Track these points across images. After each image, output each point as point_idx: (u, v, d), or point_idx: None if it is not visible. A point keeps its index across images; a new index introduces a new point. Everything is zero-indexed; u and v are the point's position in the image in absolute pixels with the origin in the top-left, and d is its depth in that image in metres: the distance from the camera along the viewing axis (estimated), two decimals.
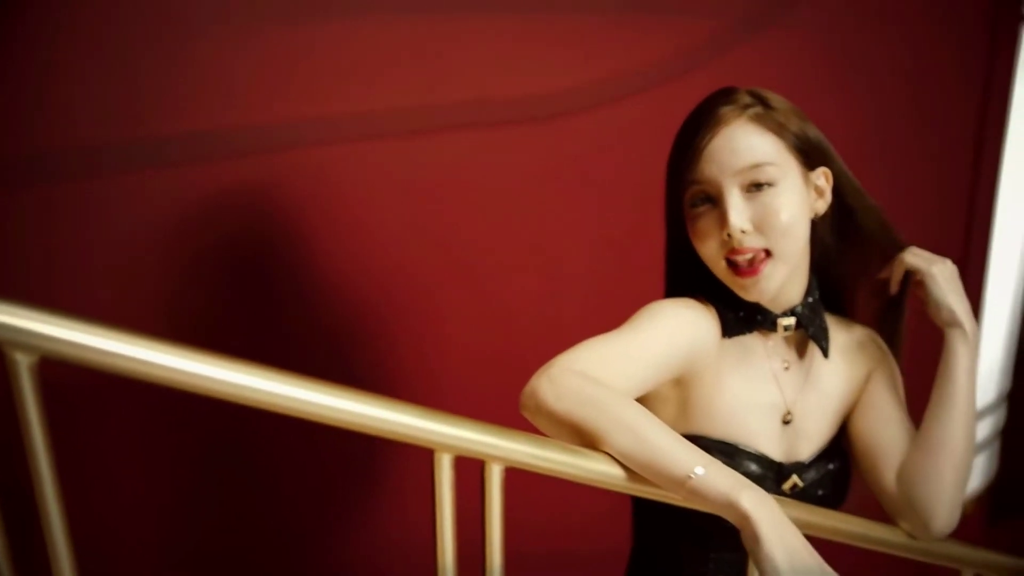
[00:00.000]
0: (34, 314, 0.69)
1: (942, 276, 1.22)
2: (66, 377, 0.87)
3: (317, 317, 1.77)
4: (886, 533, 1.21)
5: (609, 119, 2.03)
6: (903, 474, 1.21)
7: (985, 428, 3.49)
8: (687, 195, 1.15)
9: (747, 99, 1.13)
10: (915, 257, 1.25)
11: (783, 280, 1.14)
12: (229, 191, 1.64)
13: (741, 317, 1.20)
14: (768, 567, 0.86)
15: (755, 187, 1.10)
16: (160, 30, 1.51)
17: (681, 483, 0.91)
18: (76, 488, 0.83)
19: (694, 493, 0.91)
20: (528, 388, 1.01)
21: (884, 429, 1.25)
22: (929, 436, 1.20)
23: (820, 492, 1.24)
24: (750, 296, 1.15)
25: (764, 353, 1.22)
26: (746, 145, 1.10)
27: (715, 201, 1.12)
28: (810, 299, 1.22)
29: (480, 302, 1.94)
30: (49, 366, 0.72)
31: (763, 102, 1.13)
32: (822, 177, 1.18)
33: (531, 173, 1.99)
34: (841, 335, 1.30)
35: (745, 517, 0.87)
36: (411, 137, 1.83)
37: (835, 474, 1.25)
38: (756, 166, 1.10)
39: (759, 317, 1.20)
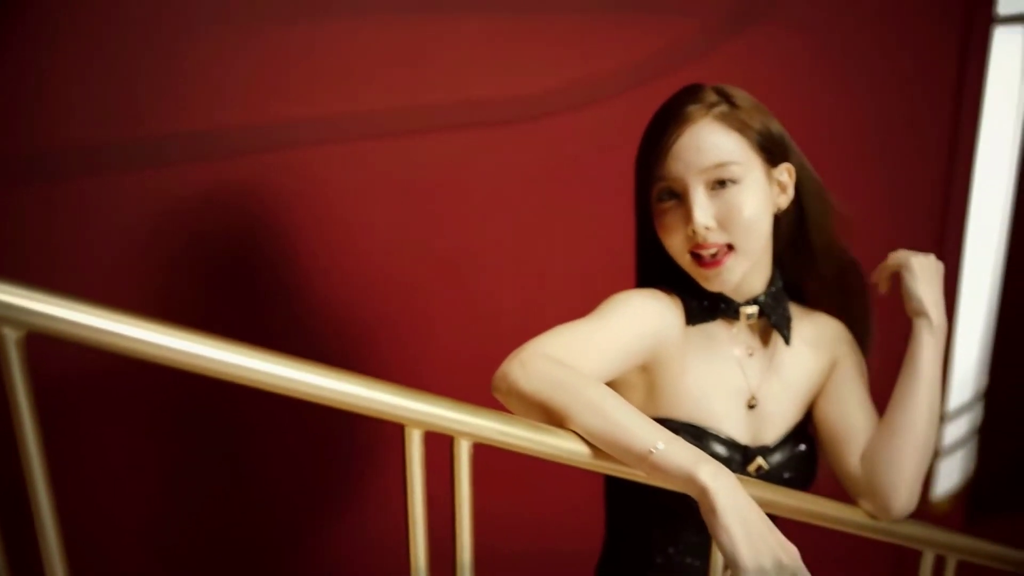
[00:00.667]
0: (21, 291, 0.73)
1: (919, 267, 1.28)
2: (57, 372, 0.91)
3: (306, 315, 1.80)
4: (847, 513, 1.26)
5: (598, 118, 2.07)
6: (867, 457, 1.26)
7: (962, 426, 3.53)
8: (654, 190, 1.20)
9: (713, 97, 1.18)
10: (899, 252, 1.32)
11: (744, 272, 1.20)
12: (220, 190, 1.68)
13: (705, 306, 1.25)
14: (724, 537, 0.90)
15: (719, 184, 1.15)
16: (157, 32, 1.55)
17: (643, 458, 0.95)
18: (63, 476, 0.87)
19: (655, 468, 0.95)
20: (500, 371, 1.06)
21: (848, 415, 1.30)
22: (892, 421, 1.25)
23: (786, 475, 1.28)
24: (712, 287, 1.19)
25: (728, 340, 1.28)
26: (711, 144, 1.15)
27: (681, 197, 1.17)
28: (773, 289, 1.27)
29: (467, 302, 1.98)
30: (42, 362, 0.76)
31: (728, 100, 1.18)
32: (785, 173, 1.23)
33: (520, 173, 2.03)
34: (807, 324, 1.35)
35: (703, 490, 0.92)
36: (400, 138, 1.88)
37: (801, 457, 1.30)
38: (720, 165, 1.15)
39: (723, 305, 1.25)
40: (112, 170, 1.53)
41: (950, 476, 3.55)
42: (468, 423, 0.93)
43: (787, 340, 1.29)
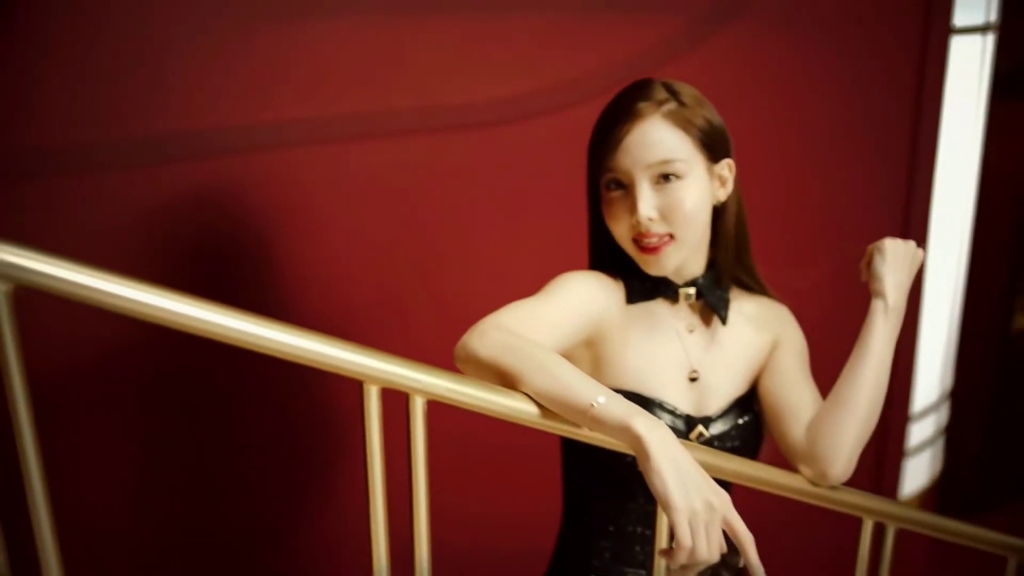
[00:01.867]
0: (10, 248, 0.81)
1: (891, 250, 1.36)
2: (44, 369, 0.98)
3: (285, 309, 1.88)
4: (787, 479, 1.34)
5: (576, 121, 2.13)
6: (812, 426, 1.34)
7: (928, 427, 3.62)
8: (603, 180, 1.30)
9: (662, 95, 1.28)
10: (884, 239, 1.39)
11: (682, 259, 1.31)
12: (203, 189, 1.75)
13: (646, 286, 1.35)
14: (657, 481, 0.98)
15: (664, 179, 1.26)
16: (145, 36, 1.63)
17: (585, 412, 1.04)
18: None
19: (596, 421, 1.04)
20: (460, 342, 1.17)
21: (790, 390, 1.39)
22: (839, 394, 1.33)
23: (731, 444, 1.37)
24: (652, 271, 1.31)
25: (669, 318, 1.38)
26: (658, 141, 1.25)
27: (627, 188, 1.27)
28: (710, 272, 1.38)
29: (444, 301, 2.05)
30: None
31: (676, 98, 1.28)
32: (726, 168, 1.34)
33: (498, 175, 2.11)
34: (750, 305, 1.45)
35: (637, 438, 1.00)
36: (379, 139, 1.96)
37: (745, 427, 1.38)
38: (666, 161, 1.25)
39: (663, 287, 1.35)
40: (101, 169, 1.61)
41: (918, 475, 3.64)
42: (423, 381, 1.01)
43: (723, 320, 1.39)
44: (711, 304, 1.37)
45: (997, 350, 4.59)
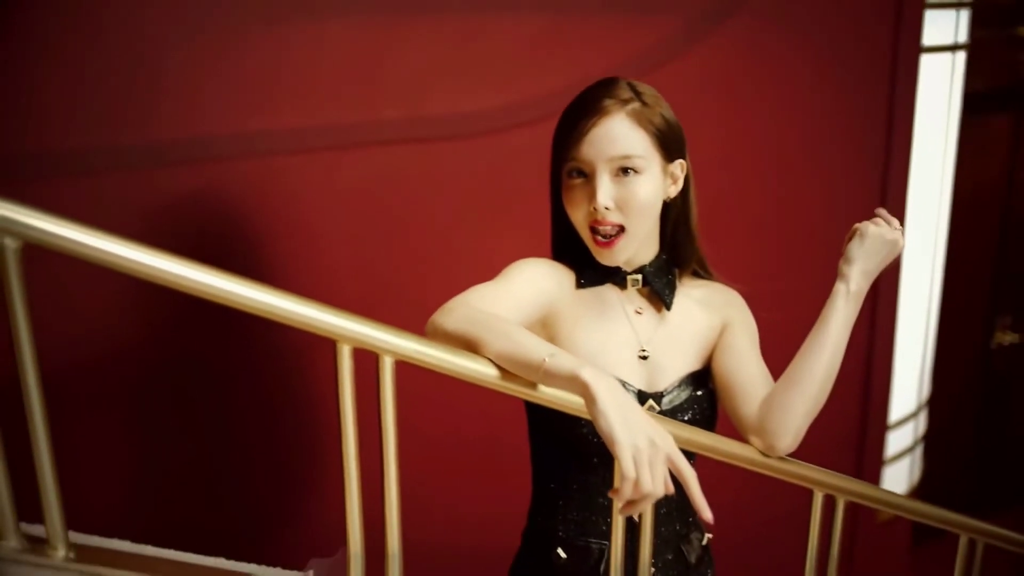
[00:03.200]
0: (20, 208, 0.91)
1: (870, 236, 1.40)
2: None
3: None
4: (740, 449, 1.43)
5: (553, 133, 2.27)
6: (765, 401, 1.43)
7: (906, 436, 3.71)
8: (566, 168, 1.41)
9: (627, 93, 1.39)
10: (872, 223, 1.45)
11: (633, 251, 1.43)
12: (197, 193, 1.87)
13: (597, 273, 1.48)
14: (602, 421, 1.08)
15: (623, 172, 1.38)
16: (142, 45, 1.76)
17: (538, 367, 1.15)
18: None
19: (549, 374, 1.14)
20: (430, 320, 1.29)
21: (741, 368, 1.49)
22: (793, 372, 1.42)
23: (685, 418, 1.46)
24: (605, 261, 1.43)
25: (618, 302, 1.50)
26: (621, 137, 1.37)
27: (588, 177, 1.39)
28: (657, 261, 1.49)
29: (425, 307, 2.16)
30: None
31: (639, 97, 1.40)
32: (678, 167, 1.46)
33: (482, 183, 2.23)
34: (700, 290, 1.56)
35: (585, 384, 1.11)
36: (364, 149, 2.08)
37: (698, 401, 1.48)
38: (626, 157, 1.37)
39: (612, 273, 1.48)
40: (97, 172, 1.73)
41: (897, 482, 3.71)
42: (391, 342, 1.12)
43: (667, 305, 1.50)
44: (656, 290, 1.49)
45: (977, 363, 4.69)
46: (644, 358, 1.46)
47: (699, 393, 1.48)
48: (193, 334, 1.87)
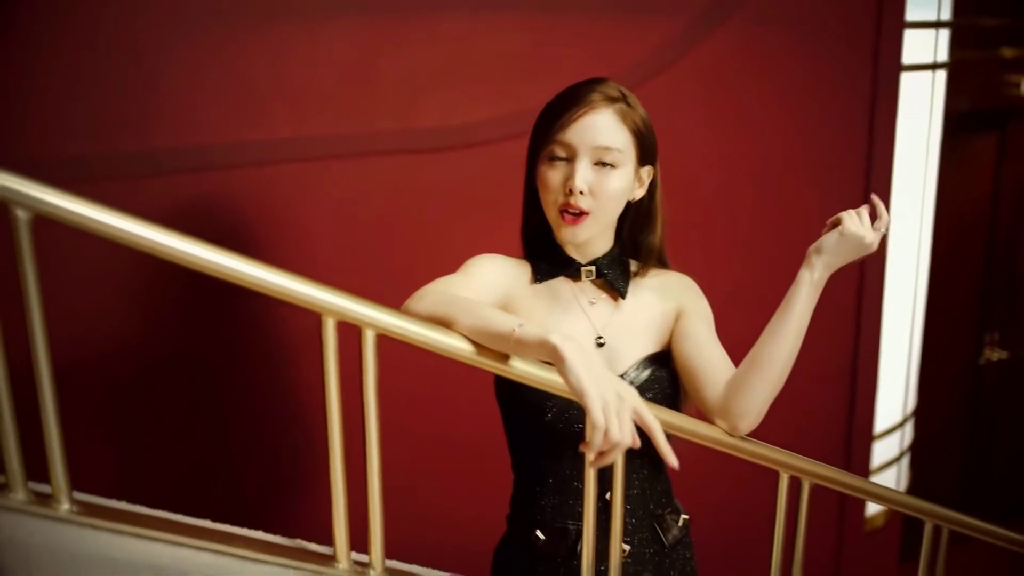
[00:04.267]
0: (32, 182, 1.01)
1: (848, 233, 1.45)
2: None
3: (266, 317, 2.10)
4: (705, 428, 1.51)
5: None
6: (730, 383, 1.51)
7: (892, 447, 3.77)
8: (547, 150, 1.50)
9: (616, 93, 1.51)
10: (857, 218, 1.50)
11: (591, 235, 1.53)
12: (192, 200, 1.96)
13: (551, 267, 1.58)
14: (572, 378, 1.17)
15: (601, 164, 1.48)
16: (135, 56, 1.85)
17: (508, 336, 1.24)
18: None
19: (520, 343, 1.23)
20: (403, 305, 1.39)
21: (700, 353, 1.57)
22: (759, 356, 1.49)
23: (648, 396, 1.54)
24: (565, 238, 1.52)
25: (572, 293, 1.59)
26: (607, 129, 1.48)
27: (568, 160, 1.49)
28: (611, 254, 1.59)
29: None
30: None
31: (625, 99, 1.51)
32: (646, 172, 1.56)
33: (471, 193, 2.32)
34: (655, 280, 1.65)
35: (554, 347, 1.19)
36: (357, 159, 2.18)
37: (658, 380, 1.56)
38: (608, 149, 1.47)
39: (567, 265, 1.57)
40: (96, 179, 1.82)
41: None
42: (373, 316, 1.20)
43: (622, 294, 1.59)
44: (609, 280, 1.58)
45: (965, 378, 4.76)
46: (601, 345, 1.55)
47: (659, 374, 1.56)
48: (193, 320, 1.97)
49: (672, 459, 1.21)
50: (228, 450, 2.08)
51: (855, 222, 1.45)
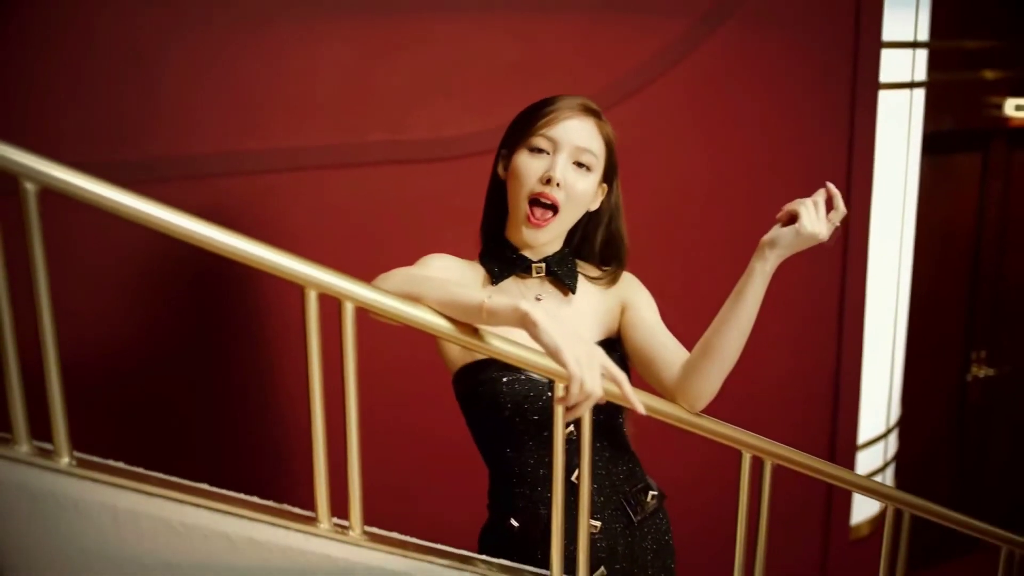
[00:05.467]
0: (40, 157, 1.11)
1: (804, 234, 1.50)
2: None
3: (260, 321, 2.20)
4: (669, 407, 1.60)
5: None
6: (686, 367, 1.61)
7: (875, 457, 3.85)
8: (529, 142, 1.62)
9: (595, 107, 1.66)
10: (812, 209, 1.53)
11: (552, 238, 1.66)
12: (190, 209, 2.07)
13: (505, 264, 1.69)
14: (546, 338, 1.27)
15: (578, 165, 1.61)
16: (133, 66, 1.96)
17: (480, 307, 1.33)
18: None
19: (491, 312, 1.33)
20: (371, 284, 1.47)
21: (652, 339, 1.69)
22: (711, 343, 1.59)
23: None
24: (529, 238, 1.64)
25: (519, 291, 1.69)
26: (588, 133, 1.62)
27: (549, 154, 1.60)
28: (560, 254, 1.71)
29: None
30: None
31: (601, 116, 1.66)
32: (602, 189, 1.70)
33: (460, 204, 2.38)
34: (599, 278, 1.77)
35: (525, 313, 1.29)
36: (350, 169, 2.29)
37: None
38: (588, 151, 1.61)
39: (519, 263, 1.68)
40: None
41: (869, 502, 3.82)
42: (352, 289, 1.30)
43: (572, 289, 1.71)
44: (558, 277, 1.70)
45: (952, 394, 4.84)
46: None
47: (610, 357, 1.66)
48: (187, 300, 2.10)
49: (639, 406, 1.34)
50: (220, 426, 2.18)
51: (812, 220, 1.50)
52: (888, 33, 3.37)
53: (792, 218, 1.52)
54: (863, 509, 3.77)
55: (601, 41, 2.65)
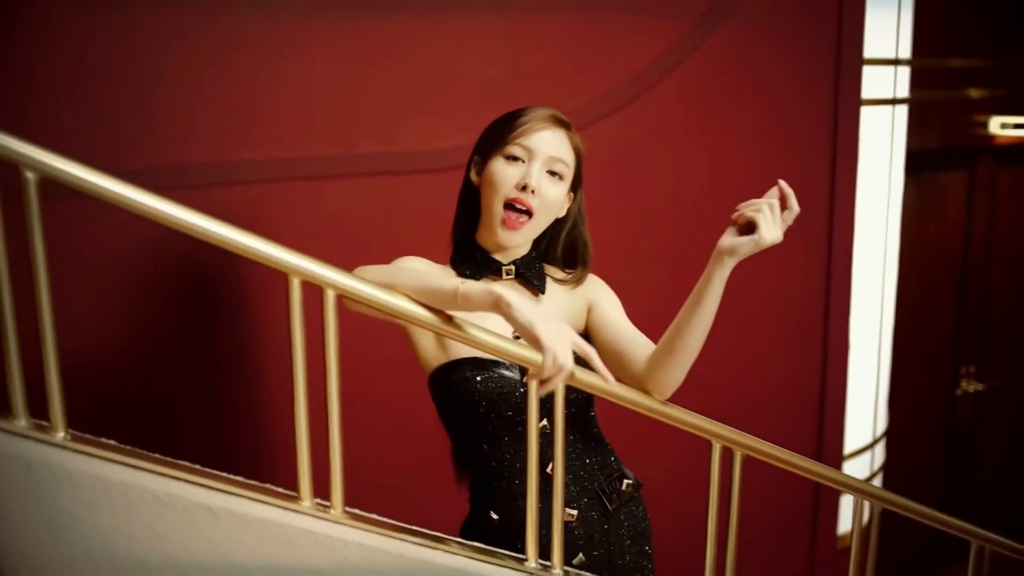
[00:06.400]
0: (39, 148, 1.19)
1: (762, 245, 1.54)
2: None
3: (254, 329, 2.29)
4: (636, 396, 1.67)
5: None
6: (651, 362, 1.69)
7: (862, 467, 3.91)
8: (507, 150, 1.70)
9: (566, 120, 1.76)
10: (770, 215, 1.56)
11: (524, 240, 1.75)
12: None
13: (477, 267, 1.77)
14: (521, 317, 1.36)
15: (551, 173, 1.71)
16: (131, 77, 2.05)
17: (455, 292, 1.41)
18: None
19: (466, 297, 1.41)
20: None
21: (619, 335, 1.78)
22: (673, 343, 1.65)
23: None
24: (502, 239, 1.72)
25: None
26: (561, 144, 1.72)
27: (524, 162, 1.69)
28: (528, 257, 1.80)
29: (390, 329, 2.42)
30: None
31: (571, 128, 1.76)
32: (569, 198, 1.79)
33: (449, 214, 2.50)
34: (565, 280, 1.86)
35: (500, 296, 1.38)
36: (342, 180, 2.38)
37: (577, 360, 1.71)
38: (560, 161, 1.71)
39: (490, 266, 1.77)
40: (90, 196, 1.98)
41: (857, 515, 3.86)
42: (333, 278, 1.38)
43: (541, 290, 1.80)
44: (527, 279, 1.78)
45: (941, 408, 4.89)
46: (518, 337, 1.67)
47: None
48: (181, 291, 2.18)
49: (608, 375, 1.45)
50: (207, 414, 2.28)
51: (771, 228, 1.52)
52: (871, 51, 3.46)
53: (749, 225, 1.55)
54: (850, 518, 3.81)
55: (579, 65, 2.74)
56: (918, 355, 4.65)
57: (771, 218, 1.53)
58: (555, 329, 1.35)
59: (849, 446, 3.78)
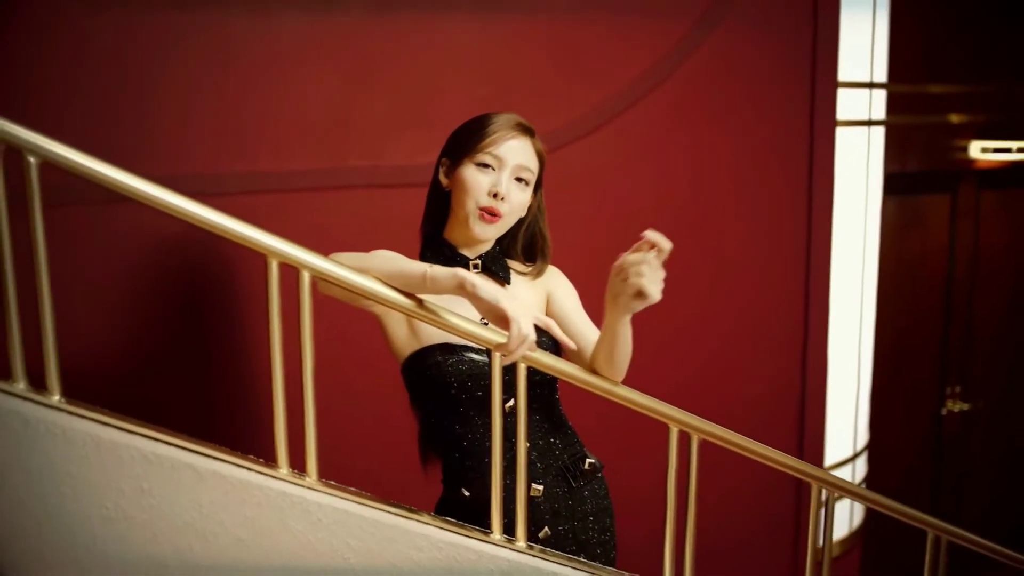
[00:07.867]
0: (40, 134, 1.33)
1: (653, 295, 1.57)
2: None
3: (249, 334, 2.40)
4: (595, 379, 1.78)
5: None
6: (592, 357, 1.82)
7: (847, 476, 3.98)
8: (478, 158, 1.83)
9: (531, 127, 1.89)
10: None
11: (496, 235, 1.88)
12: (178, 225, 2.26)
13: (445, 260, 1.88)
14: (485, 295, 1.49)
15: (518, 180, 1.85)
16: (130, 88, 2.17)
17: (423, 275, 1.55)
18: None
19: (434, 280, 1.54)
20: None
21: (570, 324, 1.92)
22: (600, 363, 1.78)
23: None
24: (477, 233, 1.84)
25: None
26: (527, 153, 1.87)
27: (494, 170, 1.82)
28: (492, 252, 1.93)
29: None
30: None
31: (534, 135, 1.89)
32: (532, 200, 1.93)
33: None
34: (526, 270, 1.99)
35: (463, 279, 1.51)
36: (333, 192, 2.50)
37: (541, 344, 1.78)
38: (527, 168, 1.85)
39: (458, 260, 1.89)
40: (92, 203, 2.07)
41: (841, 524, 3.94)
42: (308, 260, 1.50)
43: (508, 280, 1.93)
44: (493, 272, 1.91)
45: (926, 428, 4.98)
46: (486, 323, 1.75)
47: (542, 339, 1.81)
48: (172, 277, 2.29)
49: (569, 342, 1.60)
50: (192, 396, 2.38)
51: (657, 288, 1.56)
52: (847, 74, 3.61)
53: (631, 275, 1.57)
54: (837, 528, 3.89)
55: (557, 85, 2.87)
56: (902, 374, 4.75)
57: (656, 279, 1.56)
58: (517, 303, 1.50)
59: (829, 460, 3.86)
